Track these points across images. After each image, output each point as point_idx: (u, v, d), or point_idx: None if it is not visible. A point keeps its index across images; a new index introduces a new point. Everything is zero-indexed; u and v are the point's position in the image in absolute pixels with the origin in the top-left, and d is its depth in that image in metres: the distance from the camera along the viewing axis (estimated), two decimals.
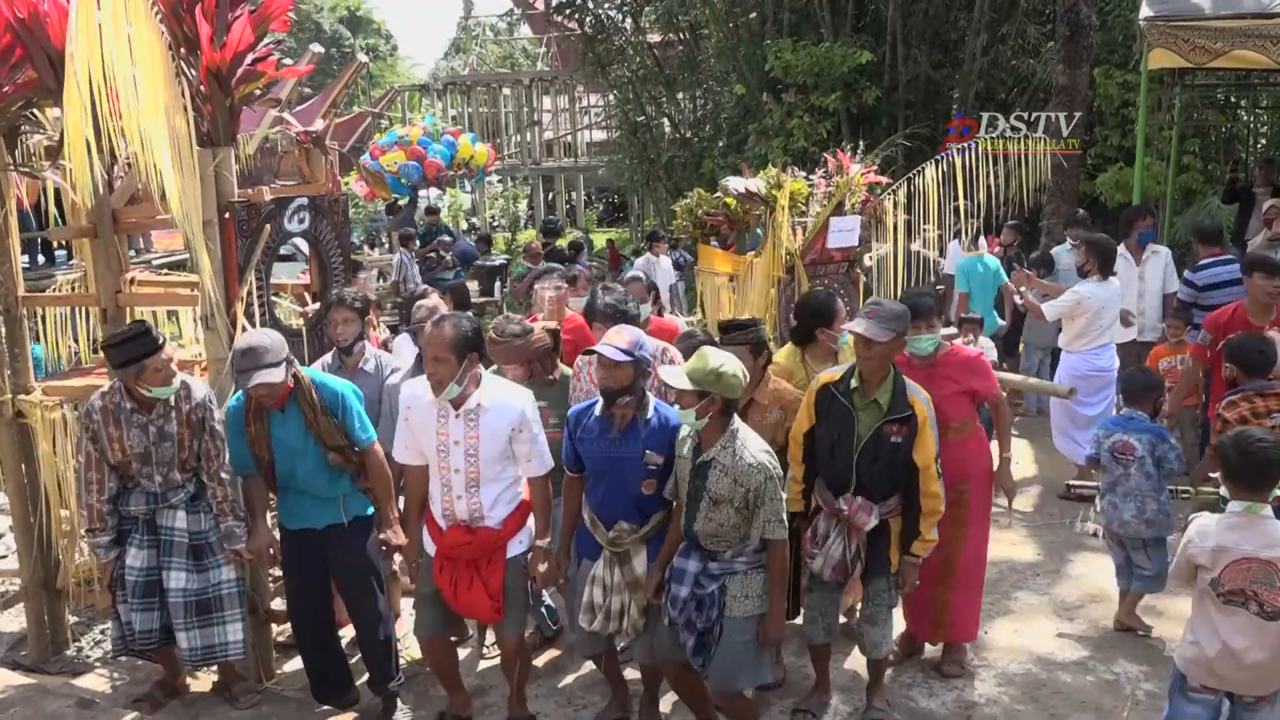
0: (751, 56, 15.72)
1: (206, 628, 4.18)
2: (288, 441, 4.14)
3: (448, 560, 3.97)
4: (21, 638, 5.20)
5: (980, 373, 4.48)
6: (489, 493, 3.93)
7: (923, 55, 15.01)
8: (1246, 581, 3.27)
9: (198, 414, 4.14)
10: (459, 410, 3.87)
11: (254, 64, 4.44)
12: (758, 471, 3.58)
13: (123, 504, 4.16)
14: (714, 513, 3.63)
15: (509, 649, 4.16)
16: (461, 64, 37.42)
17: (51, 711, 4.13)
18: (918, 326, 4.33)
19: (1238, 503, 3.34)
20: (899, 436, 3.91)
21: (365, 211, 22.41)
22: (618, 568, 3.89)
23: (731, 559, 3.71)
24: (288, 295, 6.20)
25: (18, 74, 4.51)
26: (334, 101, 16.99)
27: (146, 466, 4.11)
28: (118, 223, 4.69)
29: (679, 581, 3.73)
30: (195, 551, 4.19)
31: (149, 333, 4.05)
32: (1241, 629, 3.28)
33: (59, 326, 6.24)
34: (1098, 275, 6.58)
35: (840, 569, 3.97)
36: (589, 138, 26.37)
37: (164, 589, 4.14)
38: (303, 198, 4.90)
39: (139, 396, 4.06)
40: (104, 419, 4.08)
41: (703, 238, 7.03)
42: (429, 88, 27.92)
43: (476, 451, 3.87)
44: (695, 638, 3.72)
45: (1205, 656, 3.36)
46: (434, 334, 3.82)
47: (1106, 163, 12.91)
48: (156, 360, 4.00)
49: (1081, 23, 10.60)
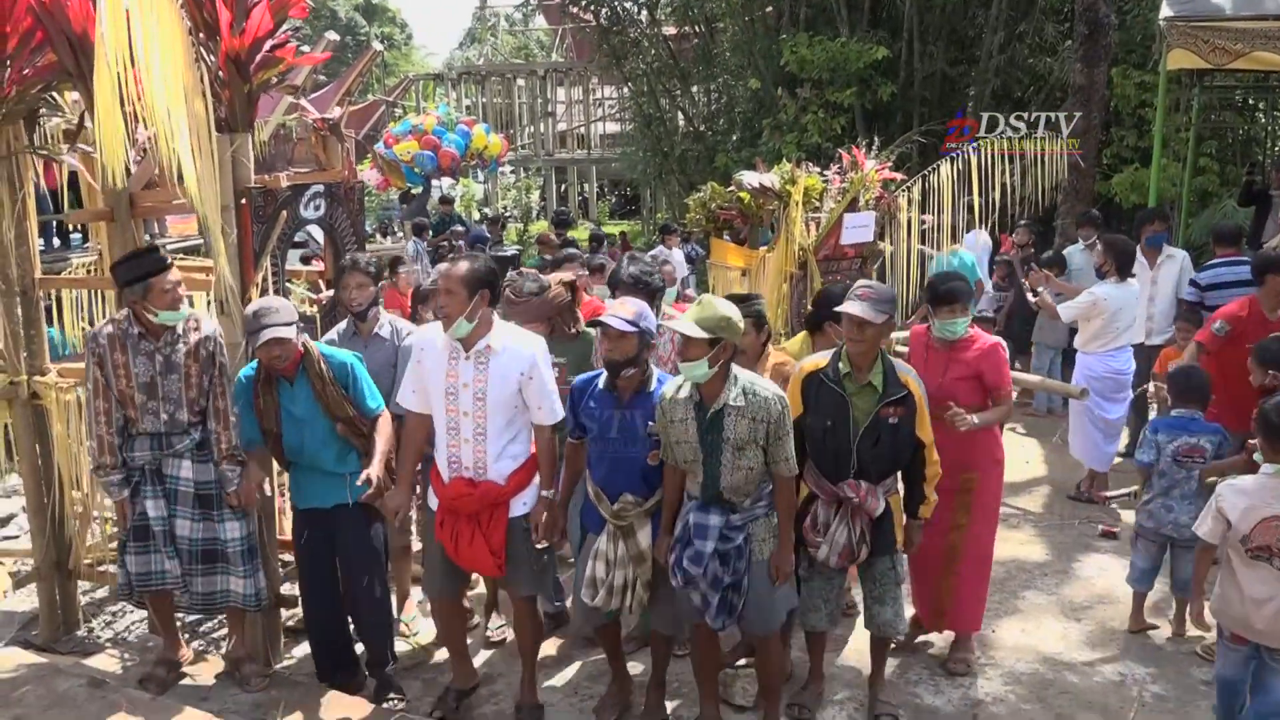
0: (767, 51, 15.69)
1: (209, 575, 4.22)
2: (296, 413, 4.15)
3: (449, 514, 3.98)
4: (33, 618, 5.24)
5: (994, 362, 4.44)
6: (495, 442, 3.92)
7: (939, 52, 14.95)
8: (1274, 539, 3.54)
9: (206, 347, 4.15)
10: (469, 352, 3.87)
11: (272, 50, 4.45)
12: (775, 402, 3.64)
13: (128, 451, 4.16)
14: (740, 459, 3.65)
15: (520, 609, 4.17)
16: (476, 54, 37.45)
17: (63, 691, 4.16)
18: (953, 310, 4.37)
19: (1271, 465, 3.61)
20: (896, 417, 3.92)
21: (378, 200, 22.45)
22: (622, 541, 3.90)
23: (752, 506, 3.75)
24: (301, 281, 6.23)
25: (38, 57, 4.53)
26: (349, 89, 17.04)
27: (152, 400, 4.10)
28: (134, 207, 4.71)
29: (702, 537, 3.69)
30: (202, 501, 4.21)
31: (156, 250, 4.08)
32: (1264, 580, 3.56)
33: (75, 310, 6.28)
34: (1116, 276, 6.53)
35: (847, 554, 3.96)
36: (602, 130, 26.38)
37: (175, 536, 4.19)
38: (319, 185, 4.91)
39: (146, 322, 4.07)
40: (110, 344, 4.08)
41: (715, 232, 7.03)
42: (443, 77, 27.95)
43: (485, 395, 3.87)
44: (719, 595, 3.72)
45: (1235, 607, 3.65)
46: (446, 269, 3.87)
47: (1122, 163, 12.85)
48: (163, 280, 4.02)
49: (1100, 22, 10.55)
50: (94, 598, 5.53)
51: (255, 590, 4.31)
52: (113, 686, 4.25)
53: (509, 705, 4.34)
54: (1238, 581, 3.63)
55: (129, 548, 4.21)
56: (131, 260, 4.07)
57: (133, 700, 4.10)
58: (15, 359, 4.78)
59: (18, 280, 4.74)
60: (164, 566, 4.20)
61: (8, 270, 4.70)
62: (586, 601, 3.97)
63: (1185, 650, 4.79)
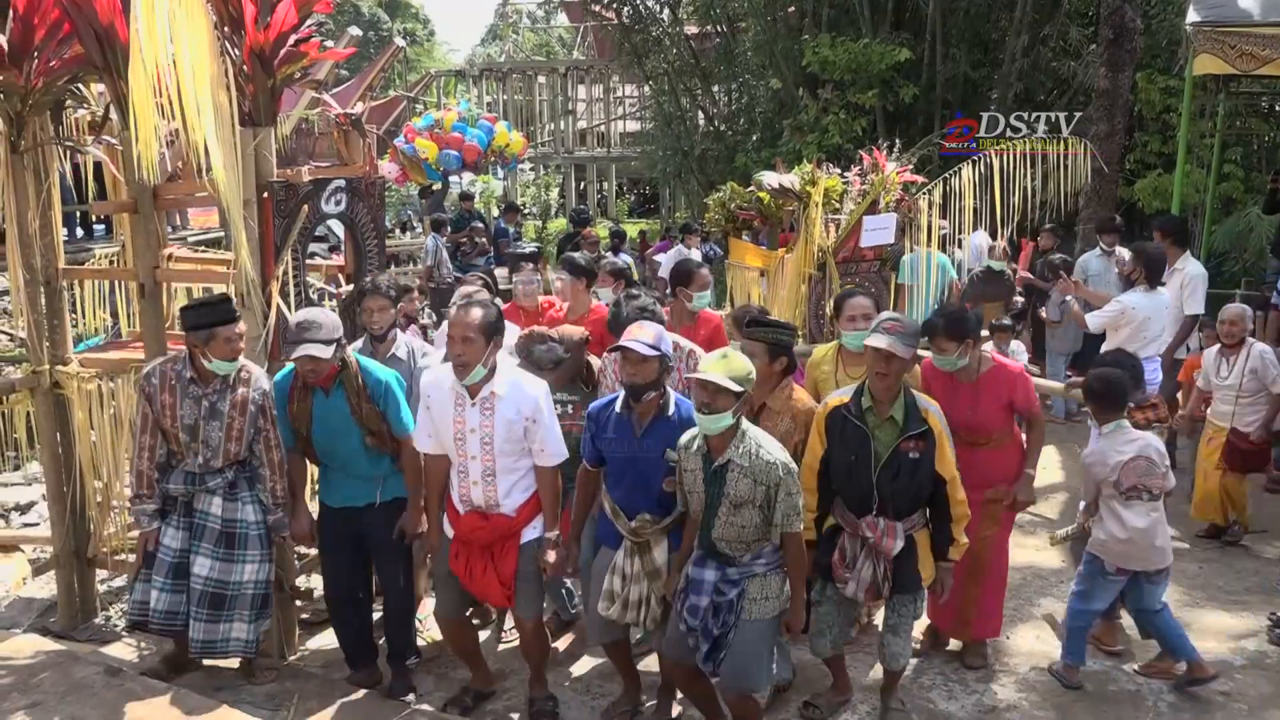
0: (789, 51, 15.66)
1: (213, 623, 4.20)
2: (330, 422, 4.19)
3: (463, 545, 4.03)
4: (52, 605, 5.29)
5: (1023, 388, 4.44)
6: (504, 480, 3.96)
7: (962, 54, 14.89)
8: (1136, 477, 4.38)
9: (255, 401, 4.19)
10: (475, 398, 3.90)
11: (296, 45, 4.48)
12: (777, 468, 3.55)
13: (163, 483, 4.22)
14: (735, 516, 3.60)
15: (526, 632, 4.20)
16: (498, 51, 37.52)
17: (80, 678, 4.19)
18: (965, 348, 4.32)
19: (1108, 425, 4.46)
20: (917, 452, 3.86)
21: (397, 195, 22.52)
22: (638, 557, 3.90)
23: (750, 562, 3.69)
24: (321, 275, 6.25)
25: (64, 49, 4.57)
26: (370, 85, 17.11)
27: (194, 443, 4.16)
28: (157, 199, 4.74)
29: (697, 592, 3.70)
30: (227, 539, 4.22)
31: (228, 302, 4.13)
32: (1141, 514, 4.38)
33: (96, 300, 6.32)
34: (1145, 284, 6.47)
35: (872, 590, 3.95)
36: (623, 128, 26.36)
37: (188, 573, 4.19)
38: (340, 179, 4.93)
39: (199, 367, 4.12)
40: (160, 384, 4.14)
41: (735, 232, 7.03)
42: (465, 74, 28.00)
43: (492, 439, 3.90)
44: (710, 643, 3.72)
45: (1118, 543, 4.40)
46: (463, 316, 3.83)
47: (1145, 169, 12.76)
48: (229, 331, 4.07)
49: (1126, 25, 10.47)
50: (111, 586, 5.58)
51: (256, 637, 4.32)
52: (129, 675, 4.28)
53: (519, 701, 4.35)
54: (1121, 522, 4.38)
55: (140, 574, 4.26)
56: (202, 308, 4.12)
57: (148, 689, 4.13)
58: (38, 348, 4.83)
59: (41, 270, 4.78)
60: (152, 602, 4.17)
61: (32, 260, 4.74)
62: (602, 614, 3.97)
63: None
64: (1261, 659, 4.78)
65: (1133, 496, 4.39)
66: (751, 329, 4.17)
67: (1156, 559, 4.42)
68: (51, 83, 4.61)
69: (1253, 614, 5.22)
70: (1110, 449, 4.44)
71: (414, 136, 15.42)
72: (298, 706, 4.18)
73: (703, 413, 3.53)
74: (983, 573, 4.50)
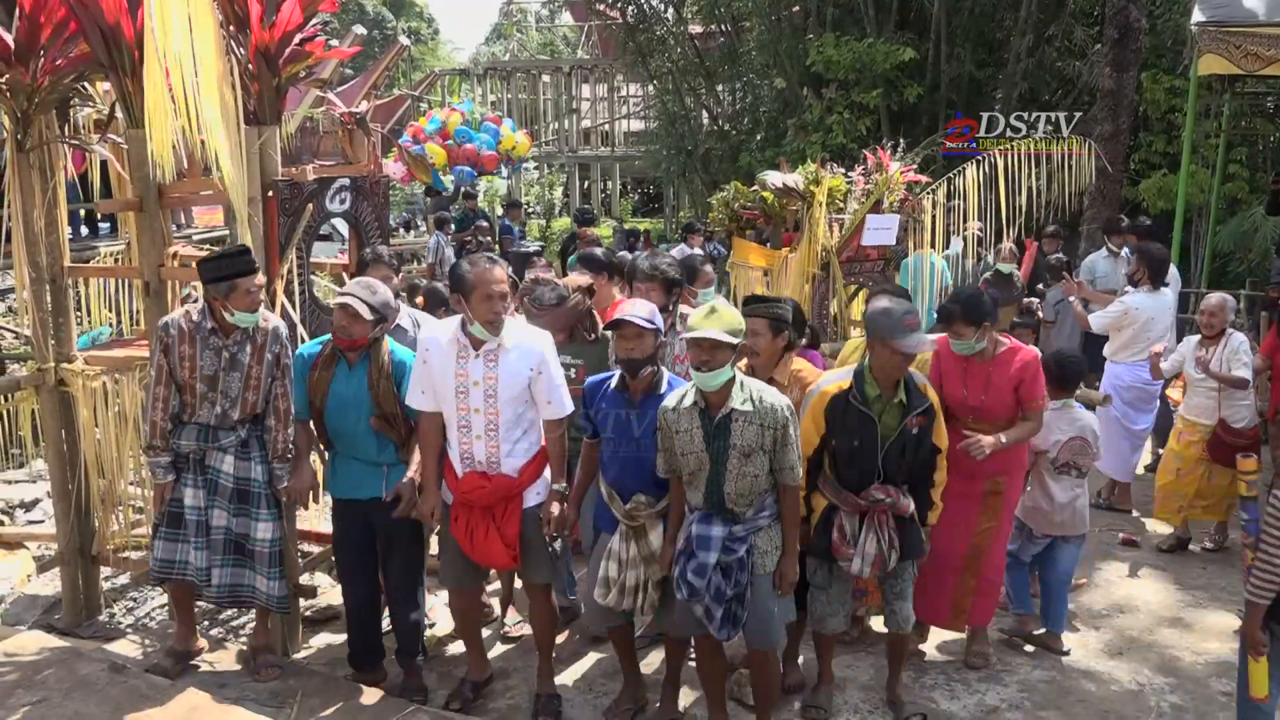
0: (793, 50, 15.65)
1: (239, 567, 4.27)
2: (345, 395, 4.19)
3: (463, 508, 4.01)
4: (56, 602, 5.31)
5: (1032, 373, 4.39)
6: (507, 437, 3.95)
7: (966, 54, 14.87)
8: (1070, 455, 4.75)
9: (273, 349, 4.21)
10: (479, 350, 3.89)
11: (301, 44, 4.49)
12: (782, 410, 3.61)
13: (174, 439, 4.23)
14: (747, 466, 3.61)
15: (537, 599, 4.20)
16: (502, 49, 37.55)
17: (84, 675, 4.21)
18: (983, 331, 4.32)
19: (1056, 401, 4.70)
20: (918, 427, 3.93)
21: (402, 194, 22.54)
22: (634, 542, 3.90)
23: (754, 516, 3.71)
24: (326, 274, 6.27)
25: (70, 48, 4.58)
26: (375, 83, 17.12)
27: (211, 392, 4.16)
28: (163, 197, 4.75)
29: (705, 549, 3.67)
30: (240, 496, 4.26)
31: (248, 253, 4.13)
32: (1067, 488, 4.77)
33: (101, 299, 6.35)
34: (1148, 285, 6.46)
35: (879, 562, 3.95)
36: (627, 127, 26.37)
37: (210, 526, 4.24)
38: (345, 178, 4.94)
39: (220, 318, 4.13)
40: (179, 335, 4.14)
41: (738, 231, 7.03)
42: (469, 72, 28.01)
43: (496, 391, 3.89)
44: (723, 608, 3.69)
45: (1045, 512, 4.79)
46: (492, 272, 3.83)
47: (1150, 169, 12.75)
48: (249, 282, 4.08)
49: (1131, 25, 10.46)
50: (116, 583, 5.60)
51: (281, 593, 4.35)
52: (133, 672, 4.29)
53: (524, 698, 4.36)
54: (1047, 492, 4.77)
55: (161, 532, 4.26)
56: (221, 259, 4.12)
57: (153, 685, 4.15)
58: (43, 346, 4.84)
59: (47, 268, 4.80)
60: (188, 557, 4.25)
61: (37, 258, 4.76)
62: (599, 601, 3.97)
63: (1205, 661, 4.76)
64: None
65: (1063, 471, 4.76)
66: (751, 306, 4.17)
67: (1075, 526, 4.84)
68: (57, 81, 4.62)
69: None
70: (1055, 424, 4.71)
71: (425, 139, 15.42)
72: (301, 704, 4.19)
73: (702, 371, 3.55)
74: (982, 563, 4.50)
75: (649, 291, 4.45)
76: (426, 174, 16.03)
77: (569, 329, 4.60)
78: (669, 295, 4.52)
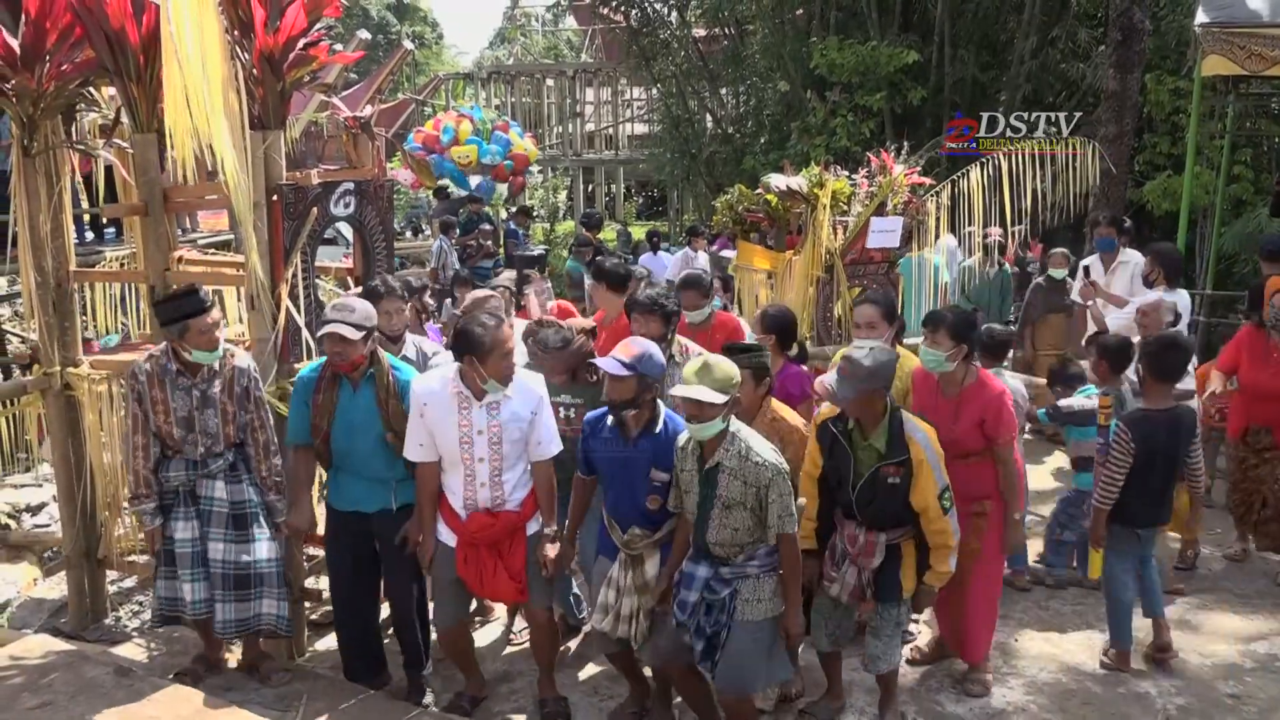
0: (797, 53, 15.66)
1: (243, 602, 4.23)
2: (353, 418, 4.17)
3: (471, 548, 4.03)
4: (62, 605, 5.32)
5: (994, 409, 4.22)
6: (510, 478, 3.99)
7: (970, 56, 14.87)
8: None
9: (241, 382, 4.19)
10: (481, 400, 3.91)
11: (306, 49, 4.49)
12: (766, 469, 3.55)
13: (163, 473, 4.22)
14: (727, 518, 3.60)
15: (538, 623, 4.21)
16: (506, 54, 37.58)
17: (90, 678, 4.21)
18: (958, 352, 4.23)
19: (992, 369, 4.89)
20: (896, 477, 3.81)
21: (407, 198, 22.57)
22: (631, 570, 3.91)
23: (743, 563, 3.68)
24: (330, 278, 6.27)
25: (76, 53, 4.60)
26: (379, 88, 17.18)
27: (191, 434, 4.16)
28: (168, 201, 4.76)
29: (688, 587, 3.72)
30: (236, 521, 4.23)
31: (197, 293, 4.11)
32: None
33: (107, 303, 6.36)
34: (1164, 285, 6.43)
35: (856, 592, 3.95)
36: (630, 130, 26.37)
37: (207, 559, 4.21)
38: (349, 182, 4.95)
39: (184, 359, 4.13)
40: (149, 381, 4.14)
41: (743, 234, 7.03)
42: (473, 76, 28.04)
43: (500, 439, 3.93)
44: (704, 642, 3.72)
45: None
46: (506, 330, 3.92)
47: (1155, 170, 12.72)
48: (201, 322, 4.06)
49: (1134, 27, 10.44)
50: (122, 587, 5.61)
51: (287, 614, 4.33)
52: (139, 675, 4.29)
53: (528, 702, 4.36)
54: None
55: (159, 572, 4.26)
56: (172, 301, 4.12)
57: (158, 689, 4.14)
58: (49, 350, 4.85)
59: (53, 272, 4.81)
60: (185, 594, 4.20)
61: (43, 262, 4.77)
62: (595, 626, 4.00)
63: (1212, 664, 4.74)
64: (1271, 662, 4.76)
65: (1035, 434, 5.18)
66: (735, 358, 3.94)
67: None
68: (63, 86, 4.64)
69: (1263, 617, 5.21)
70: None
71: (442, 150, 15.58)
72: (306, 707, 4.19)
73: (692, 423, 3.57)
74: (966, 588, 4.33)
75: (647, 323, 4.42)
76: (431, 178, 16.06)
77: (572, 371, 4.60)
78: (667, 326, 4.48)
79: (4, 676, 4.17)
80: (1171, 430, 4.49)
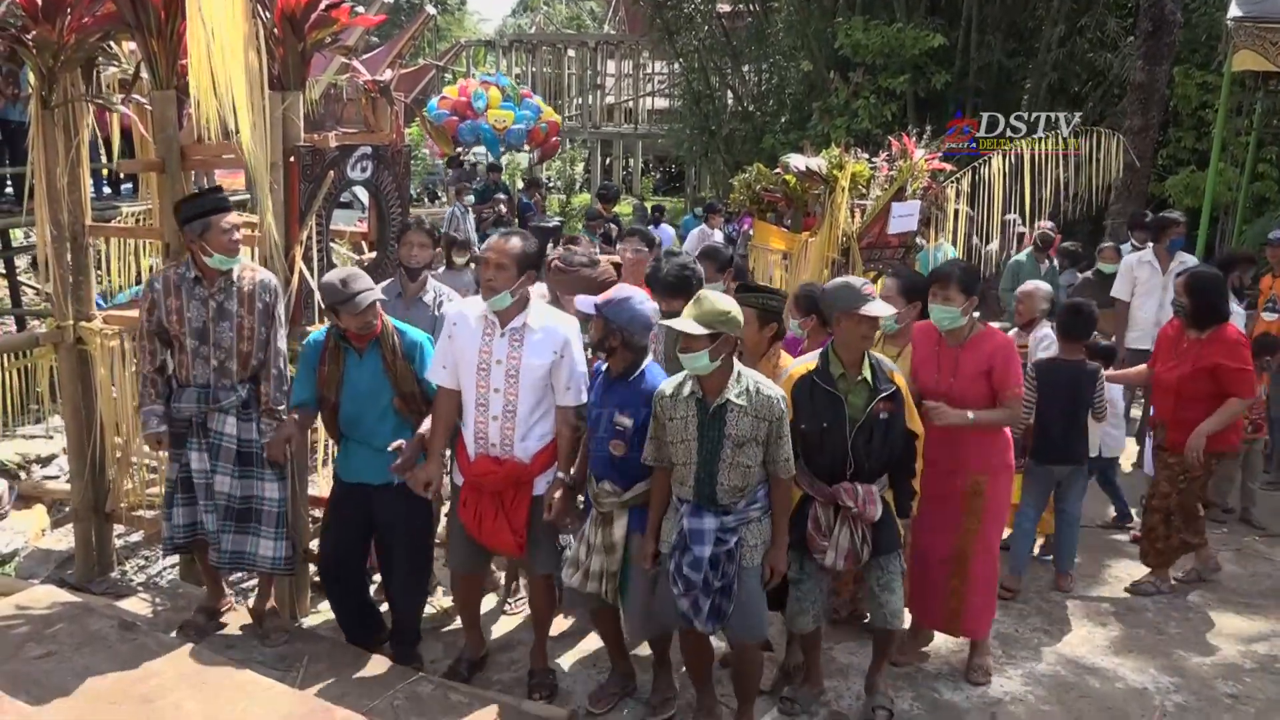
0: (821, 33, 15.52)
1: (241, 534, 4.28)
2: (361, 384, 4.16)
3: (473, 491, 4.00)
4: (69, 557, 5.37)
5: (1003, 357, 4.23)
6: (523, 420, 3.94)
7: (996, 42, 14.72)
8: None
9: (263, 298, 4.21)
10: (505, 328, 3.89)
11: (328, 10, 4.46)
12: (779, 402, 3.60)
13: (174, 402, 4.25)
14: (740, 456, 3.59)
15: (537, 588, 4.21)
16: (528, 22, 37.35)
17: (94, 630, 4.25)
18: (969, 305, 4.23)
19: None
20: (888, 413, 3.85)
21: (423, 164, 22.52)
22: (600, 529, 3.90)
23: (745, 508, 3.69)
24: (345, 242, 6.27)
25: (97, 6, 4.58)
26: (400, 53, 17.08)
27: (204, 346, 4.17)
28: (185, 159, 4.76)
29: (699, 542, 3.64)
30: (242, 458, 4.27)
31: (220, 191, 4.13)
32: None
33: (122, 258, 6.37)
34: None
35: (852, 557, 3.88)
36: (650, 105, 26.24)
37: (214, 491, 4.26)
38: (367, 146, 4.93)
39: (202, 266, 4.14)
40: (165, 288, 4.18)
41: (760, 213, 6.98)
42: (495, 44, 27.90)
43: (518, 372, 3.89)
44: (710, 600, 3.66)
45: None
46: (499, 242, 3.88)
47: (1178, 165, 12.61)
48: (221, 220, 4.07)
49: (1166, 18, 10.33)
50: (128, 541, 5.65)
51: (284, 555, 4.36)
52: (143, 629, 4.33)
53: (528, 672, 4.38)
54: None
55: (176, 499, 4.29)
56: (194, 198, 4.15)
57: (161, 644, 4.18)
58: (63, 304, 4.87)
59: (68, 226, 4.81)
60: (203, 519, 4.28)
61: (59, 215, 4.78)
62: (565, 579, 3.99)
63: (1211, 662, 4.74)
64: (1271, 663, 4.75)
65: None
66: (742, 295, 4.10)
67: None
68: (84, 39, 4.62)
69: (1265, 617, 5.20)
70: None
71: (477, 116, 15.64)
72: (307, 668, 4.22)
73: (683, 355, 3.57)
74: (968, 566, 4.37)
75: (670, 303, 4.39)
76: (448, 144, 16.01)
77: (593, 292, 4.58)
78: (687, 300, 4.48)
79: (10, 625, 4.21)
80: (1073, 378, 5.27)
